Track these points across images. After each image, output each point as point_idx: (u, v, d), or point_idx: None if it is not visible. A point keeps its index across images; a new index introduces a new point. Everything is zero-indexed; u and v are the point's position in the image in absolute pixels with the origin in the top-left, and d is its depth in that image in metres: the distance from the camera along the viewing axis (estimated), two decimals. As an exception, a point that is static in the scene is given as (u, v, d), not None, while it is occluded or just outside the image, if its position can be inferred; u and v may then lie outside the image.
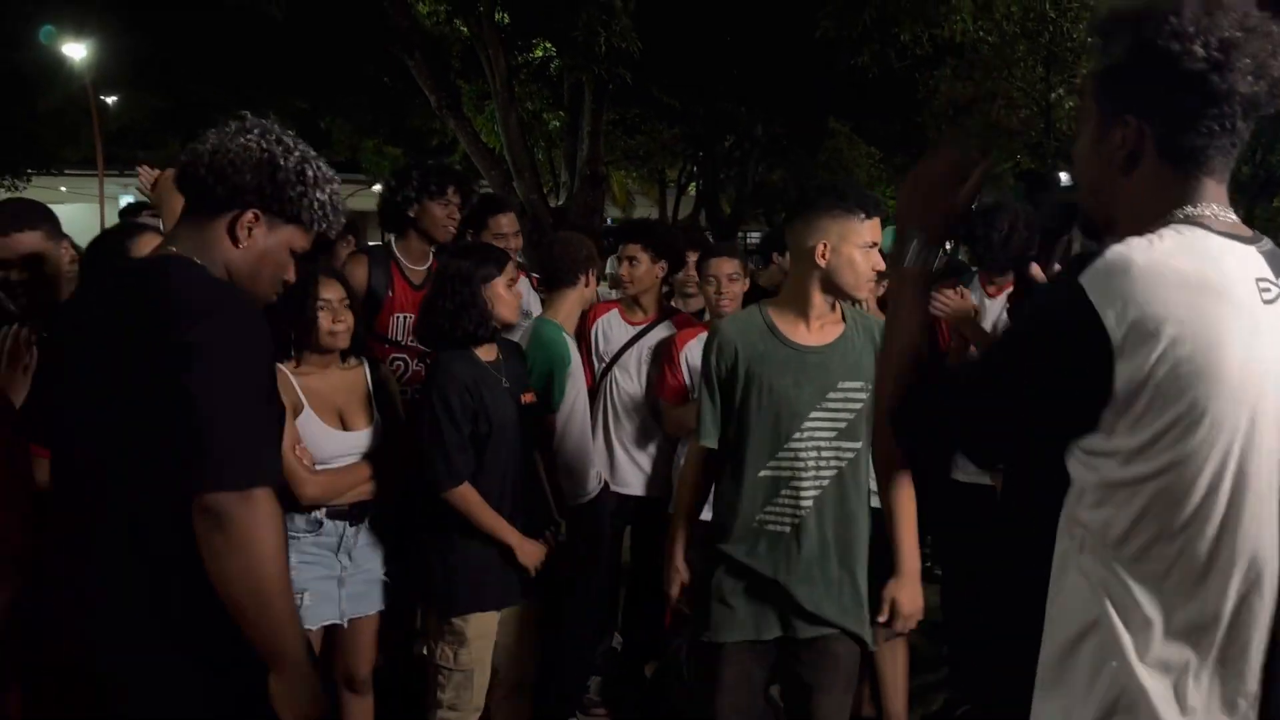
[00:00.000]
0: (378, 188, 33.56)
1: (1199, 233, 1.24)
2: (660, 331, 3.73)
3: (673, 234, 4.24)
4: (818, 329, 2.49)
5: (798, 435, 2.42)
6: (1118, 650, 1.22)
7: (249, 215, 1.73)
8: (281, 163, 1.73)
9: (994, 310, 3.76)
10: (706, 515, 2.71)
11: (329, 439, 2.75)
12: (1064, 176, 21.12)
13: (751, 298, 3.39)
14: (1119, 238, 1.26)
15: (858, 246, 2.40)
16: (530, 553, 2.84)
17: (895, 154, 21.78)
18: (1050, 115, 15.87)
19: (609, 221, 35.56)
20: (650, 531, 3.60)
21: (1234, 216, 1.30)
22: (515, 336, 3.24)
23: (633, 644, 3.93)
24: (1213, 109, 1.24)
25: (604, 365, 3.73)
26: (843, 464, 2.45)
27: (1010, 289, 3.68)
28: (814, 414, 2.43)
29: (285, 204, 1.75)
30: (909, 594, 2.48)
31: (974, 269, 4.07)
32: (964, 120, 15.66)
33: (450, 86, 12.92)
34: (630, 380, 3.71)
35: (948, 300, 3.50)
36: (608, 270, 5.09)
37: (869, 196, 2.46)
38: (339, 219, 1.84)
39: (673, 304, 4.07)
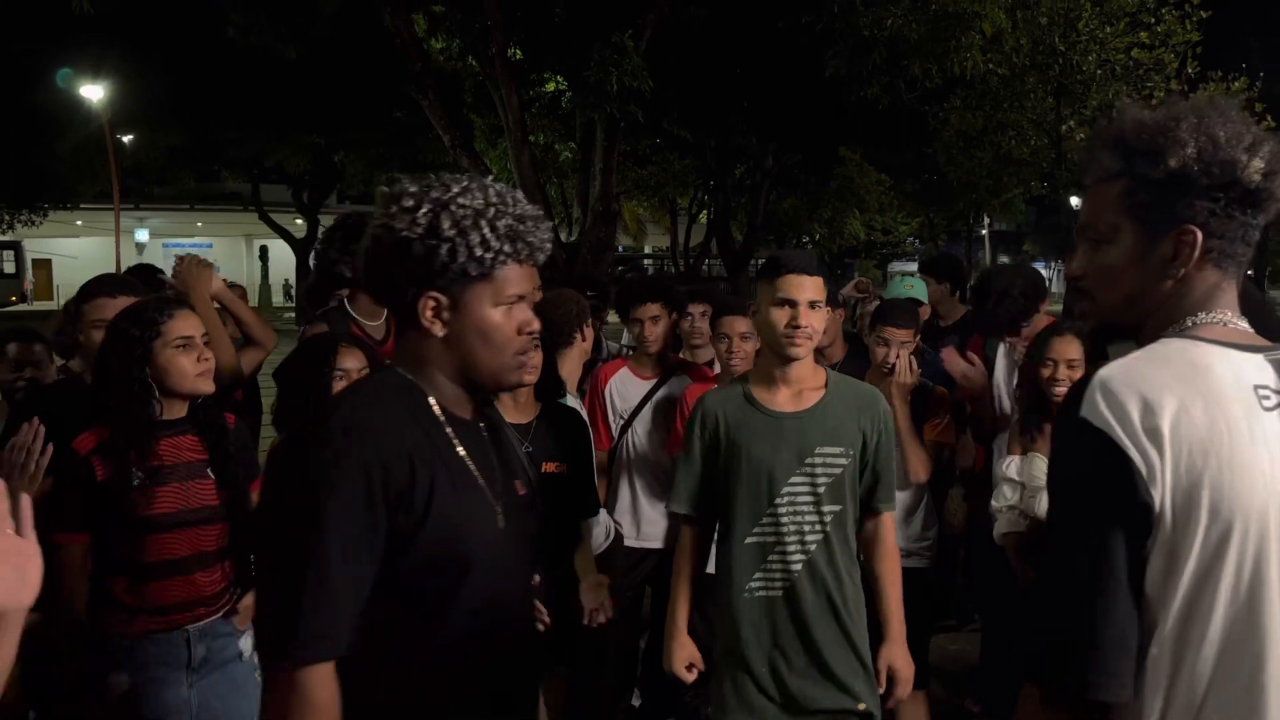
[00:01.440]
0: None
1: (1184, 344, 1.28)
2: (674, 385, 3.74)
3: (675, 284, 4.26)
4: (795, 395, 2.53)
5: (778, 500, 2.47)
6: None
7: (425, 303, 1.50)
8: (409, 234, 1.46)
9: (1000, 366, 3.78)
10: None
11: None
12: (1075, 202, 21.12)
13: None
14: (1127, 344, 1.33)
15: (772, 304, 2.45)
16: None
17: (906, 181, 21.87)
18: (1061, 145, 15.91)
19: (619, 249, 35.72)
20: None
21: (1245, 324, 1.33)
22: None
23: (652, 700, 3.90)
24: (1260, 216, 1.30)
25: (623, 423, 3.72)
26: (828, 526, 2.48)
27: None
28: (793, 478, 2.47)
29: (445, 272, 1.48)
30: (901, 658, 2.53)
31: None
32: (974, 151, 15.71)
33: (463, 123, 13.06)
34: (649, 435, 3.71)
35: (969, 375, 3.60)
36: (623, 340, 5.10)
37: (791, 255, 2.51)
38: (527, 242, 1.53)
39: (681, 355, 4.06)
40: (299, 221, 29.57)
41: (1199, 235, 1.29)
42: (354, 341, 2.85)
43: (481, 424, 1.65)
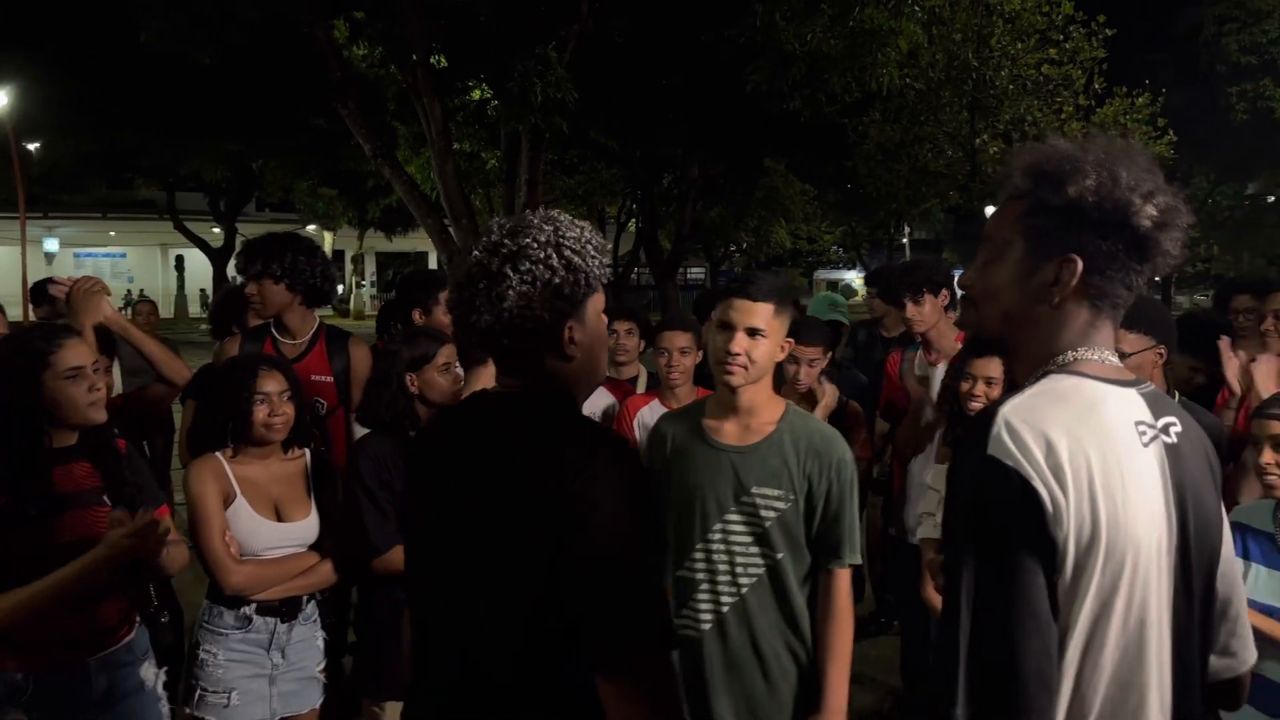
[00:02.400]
0: (312, 228, 33.26)
1: (1075, 380, 1.32)
2: (599, 399, 3.72)
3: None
4: (744, 428, 2.38)
5: (711, 535, 2.34)
6: None
7: (568, 332, 1.58)
8: (571, 262, 1.54)
9: (936, 377, 3.86)
10: None
11: (260, 529, 2.70)
12: (990, 211, 21.67)
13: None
14: (1018, 373, 1.36)
15: (715, 326, 2.38)
16: None
17: (829, 191, 22.26)
18: (975, 158, 16.39)
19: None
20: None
21: (1117, 360, 1.37)
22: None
23: None
24: (1145, 263, 1.32)
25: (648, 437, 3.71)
26: (763, 571, 2.33)
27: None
28: (729, 515, 2.33)
29: (586, 294, 1.58)
30: None
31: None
32: (892, 163, 16.11)
33: (386, 130, 12.89)
34: None
35: (915, 386, 3.70)
36: None
37: (747, 279, 2.41)
38: (591, 257, 1.57)
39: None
40: (216, 230, 28.87)
41: (1079, 265, 1.32)
42: (272, 363, 2.82)
43: None
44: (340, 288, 41.51)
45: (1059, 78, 16.83)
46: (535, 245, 1.52)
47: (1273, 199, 39.71)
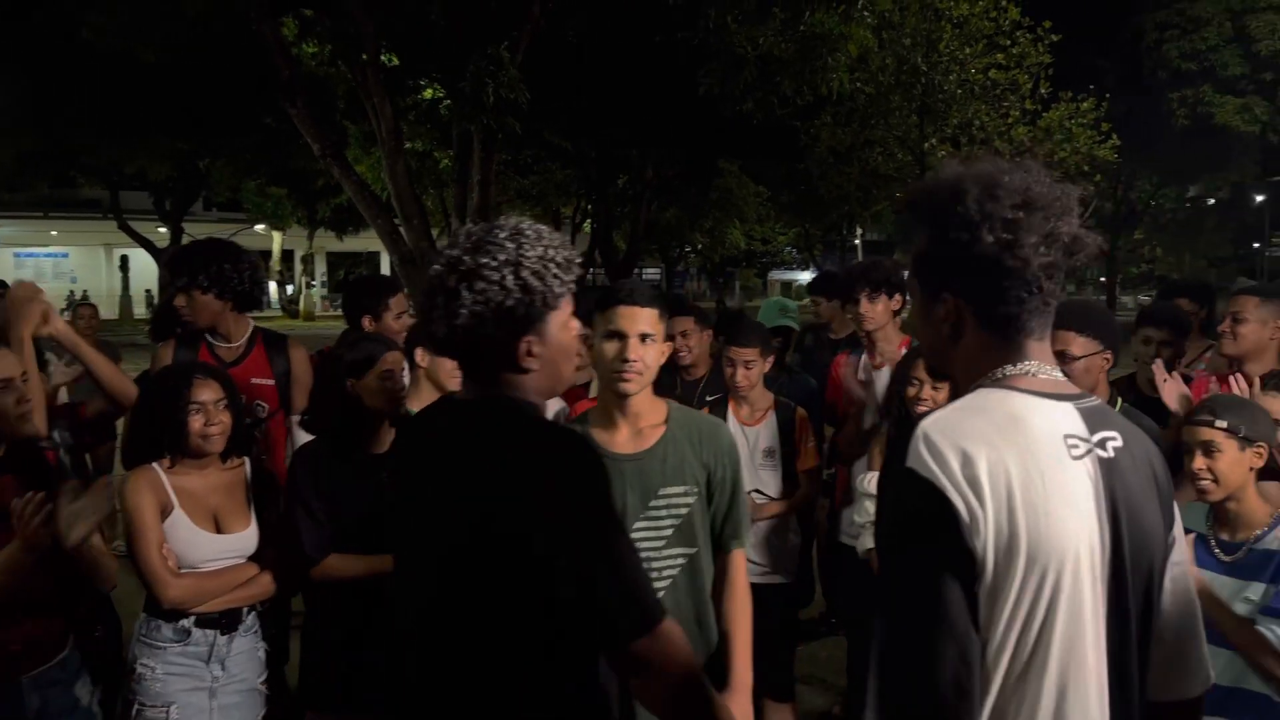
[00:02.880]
0: (260, 227, 32.74)
1: (1010, 395, 1.33)
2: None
3: None
4: (635, 434, 2.39)
5: None
6: None
7: (525, 344, 1.62)
8: (527, 281, 1.58)
9: (880, 381, 3.88)
10: None
11: (199, 541, 2.65)
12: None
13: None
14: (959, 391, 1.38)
15: (603, 337, 2.35)
16: None
17: (781, 193, 22.42)
18: (925, 161, 16.62)
19: (503, 258, 35.21)
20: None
21: (1056, 374, 1.38)
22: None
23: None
24: (1015, 281, 1.32)
25: None
26: (676, 572, 2.35)
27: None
28: (638, 524, 2.32)
29: (543, 308, 1.62)
30: (740, 708, 2.37)
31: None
32: (844, 166, 16.28)
33: (336, 129, 12.72)
34: None
35: (856, 388, 3.73)
36: None
37: (623, 286, 2.42)
38: (553, 277, 1.62)
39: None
40: (162, 230, 28.33)
41: (954, 303, 1.37)
42: (208, 371, 2.77)
43: None
44: (290, 288, 41.02)
45: (1006, 82, 17.12)
46: (492, 266, 1.56)
47: (1213, 202, 40.79)
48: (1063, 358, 2.56)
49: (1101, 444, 1.33)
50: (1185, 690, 1.49)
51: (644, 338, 2.33)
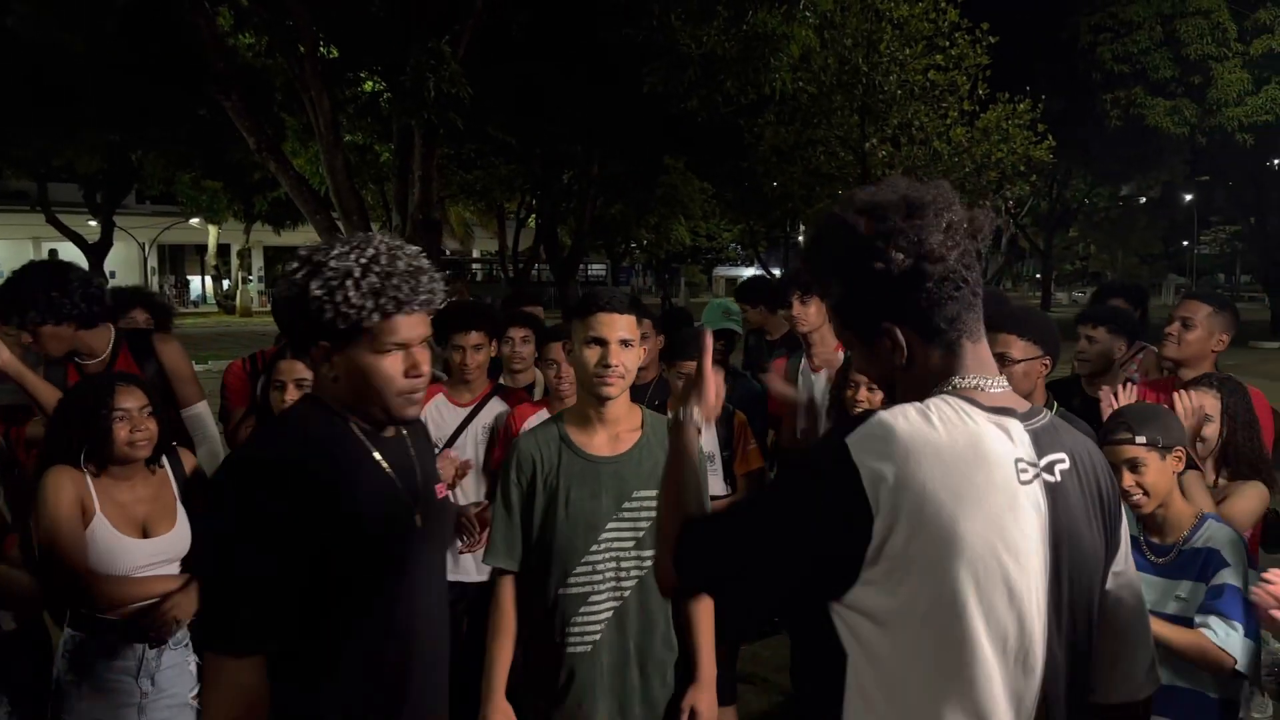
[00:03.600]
0: (195, 221, 31.93)
1: (966, 408, 1.31)
2: (492, 409, 3.68)
3: (495, 311, 4.20)
4: (612, 438, 2.45)
5: (595, 548, 2.38)
6: None
7: (318, 351, 1.74)
8: (291, 294, 1.70)
9: (819, 384, 3.90)
10: None
11: (123, 548, 2.58)
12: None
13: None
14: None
15: (583, 343, 2.40)
16: None
17: (726, 190, 22.52)
18: (866, 161, 16.81)
19: (446, 253, 34.93)
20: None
21: (1003, 385, 1.38)
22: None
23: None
24: (942, 283, 1.33)
25: (438, 450, 3.63)
26: (643, 572, 2.41)
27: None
28: (611, 525, 2.39)
29: (323, 324, 1.68)
30: (706, 702, 2.45)
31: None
32: (786, 165, 16.40)
33: (274, 121, 12.45)
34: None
35: (782, 391, 3.71)
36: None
37: (603, 293, 2.45)
38: (394, 297, 1.68)
39: (501, 381, 4.01)
40: (92, 223, 27.56)
41: (901, 330, 1.36)
42: (130, 379, 2.70)
43: (397, 436, 1.89)
44: (226, 283, 40.15)
45: (945, 83, 17.37)
46: (296, 260, 1.74)
47: (1144, 201, 41.92)
48: (1002, 360, 2.59)
49: (1049, 468, 1.33)
50: (1134, 692, 1.53)
51: (624, 343, 2.39)
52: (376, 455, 1.80)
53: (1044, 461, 1.33)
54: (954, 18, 17.10)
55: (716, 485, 3.69)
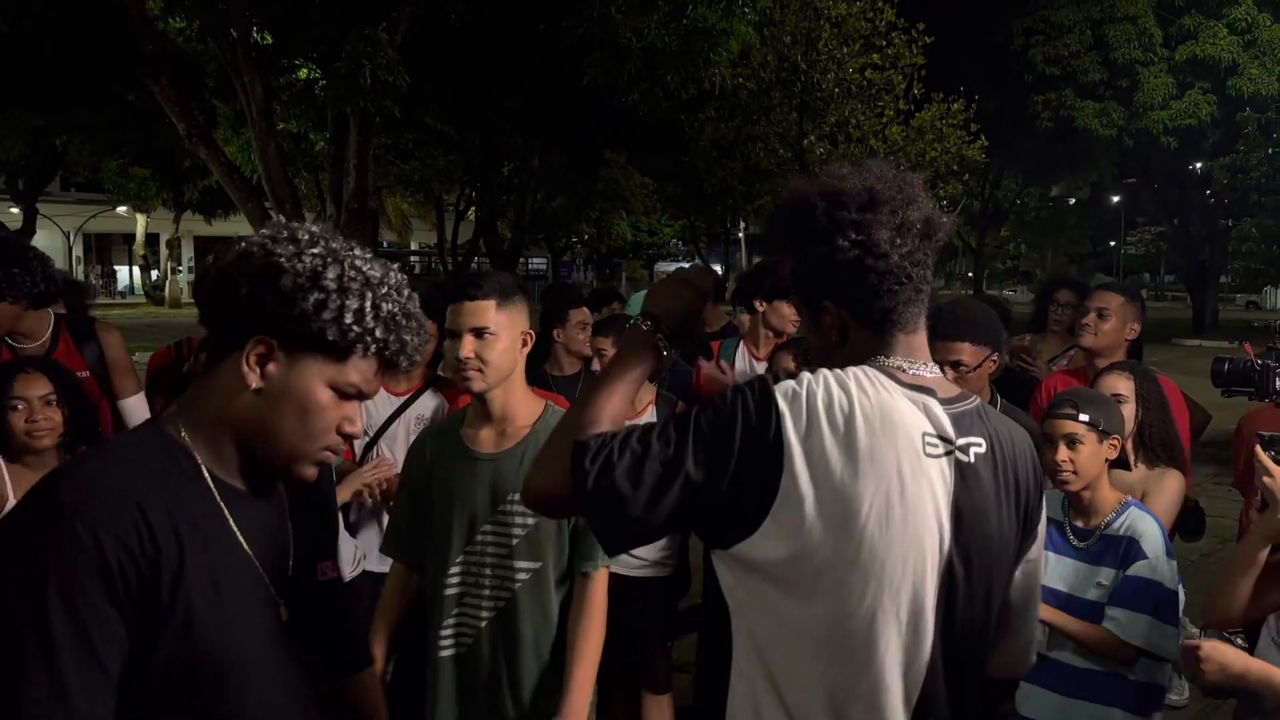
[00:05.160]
0: (122, 209, 31.09)
1: (883, 379, 1.36)
2: (427, 400, 3.63)
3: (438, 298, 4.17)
4: (499, 434, 2.30)
5: (469, 548, 2.27)
6: None
7: (254, 346, 1.30)
8: (288, 265, 1.29)
9: (759, 370, 3.93)
10: None
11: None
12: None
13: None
14: None
15: (447, 336, 2.28)
16: None
17: (667, 185, 22.59)
18: (804, 158, 17.00)
19: (384, 245, 34.44)
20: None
21: (930, 372, 1.43)
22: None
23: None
24: (882, 278, 1.37)
25: (368, 439, 3.57)
26: (517, 585, 2.25)
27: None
28: (486, 526, 2.26)
29: (301, 322, 1.30)
30: None
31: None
32: (726, 160, 16.54)
33: (204, 108, 12.15)
34: (398, 452, 3.57)
35: (711, 373, 3.70)
36: None
37: (460, 280, 2.36)
38: (401, 337, 1.36)
39: (439, 371, 3.97)
40: (14, 210, 26.67)
41: (838, 311, 1.41)
42: (38, 365, 2.62)
43: (271, 495, 1.43)
44: (155, 274, 39.14)
45: (881, 82, 17.66)
46: (311, 234, 1.42)
47: (1073, 202, 43.04)
48: (956, 367, 2.66)
49: (964, 449, 1.38)
50: (1019, 669, 1.65)
51: (479, 333, 2.21)
52: (231, 522, 1.33)
53: (961, 442, 1.38)
54: (890, 17, 17.37)
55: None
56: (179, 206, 26.66)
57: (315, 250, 1.32)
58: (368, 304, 1.32)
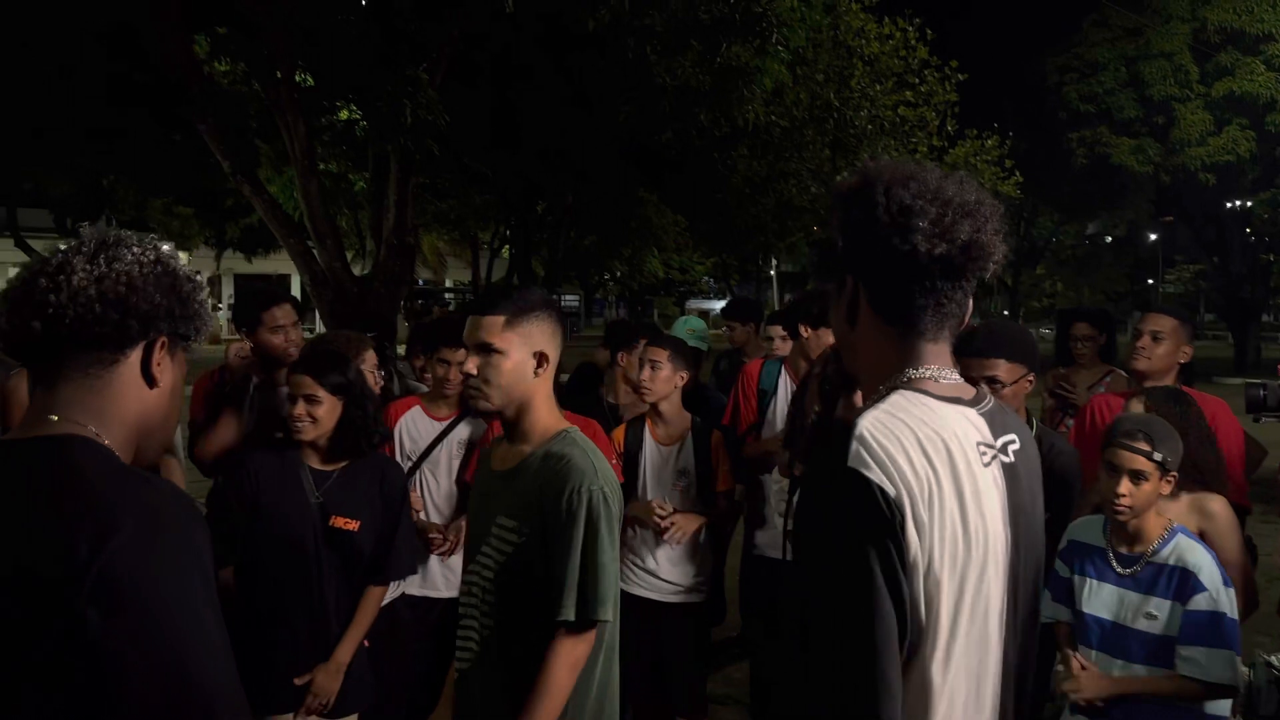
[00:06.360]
0: (166, 247, 31.70)
1: (923, 399, 1.35)
2: (467, 425, 3.67)
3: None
4: (509, 453, 2.26)
5: (471, 567, 2.24)
6: None
7: (160, 342, 1.39)
8: (180, 272, 1.41)
9: None
10: None
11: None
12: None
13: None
14: (862, 392, 1.42)
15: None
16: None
17: (699, 223, 22.68)
18: (838, 193, 17.02)
19: (420, 282, 34.76)
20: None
21: (956, 377, 1.42)
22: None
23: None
24: (902, 269, 1.35)
25: (411, 464, 3.62)
26: (502, 612, 2.16)
27: None
28: (484, 547, 2.20)
29: (189, 322, 1.41)
30: None
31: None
32: (759, 197, 16.60)
33: (247, 148, 12.41)
34: (441, 477, 3.61)
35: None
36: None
37: (485, 295, 2.35)
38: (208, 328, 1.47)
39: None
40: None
41: (855, 284, 1.41)
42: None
43: None
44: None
45: (914, 119, 17.68)
46: (138, 243, 1.51)
47: (1110, 239, 42.66)
48: (992, 383, 2.65)
49: (1004, 449, 1.39)
50: None
51: (484, 349, 2.15)
52: None
53: (999, 442, 1.38)
54: (924, 55, 17.43)
55: (686, 504, 3.70)
56: (220, 245, 27.24)
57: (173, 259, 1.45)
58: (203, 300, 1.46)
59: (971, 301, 1.41)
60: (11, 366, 3.37)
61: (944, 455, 1.29)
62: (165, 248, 1.45)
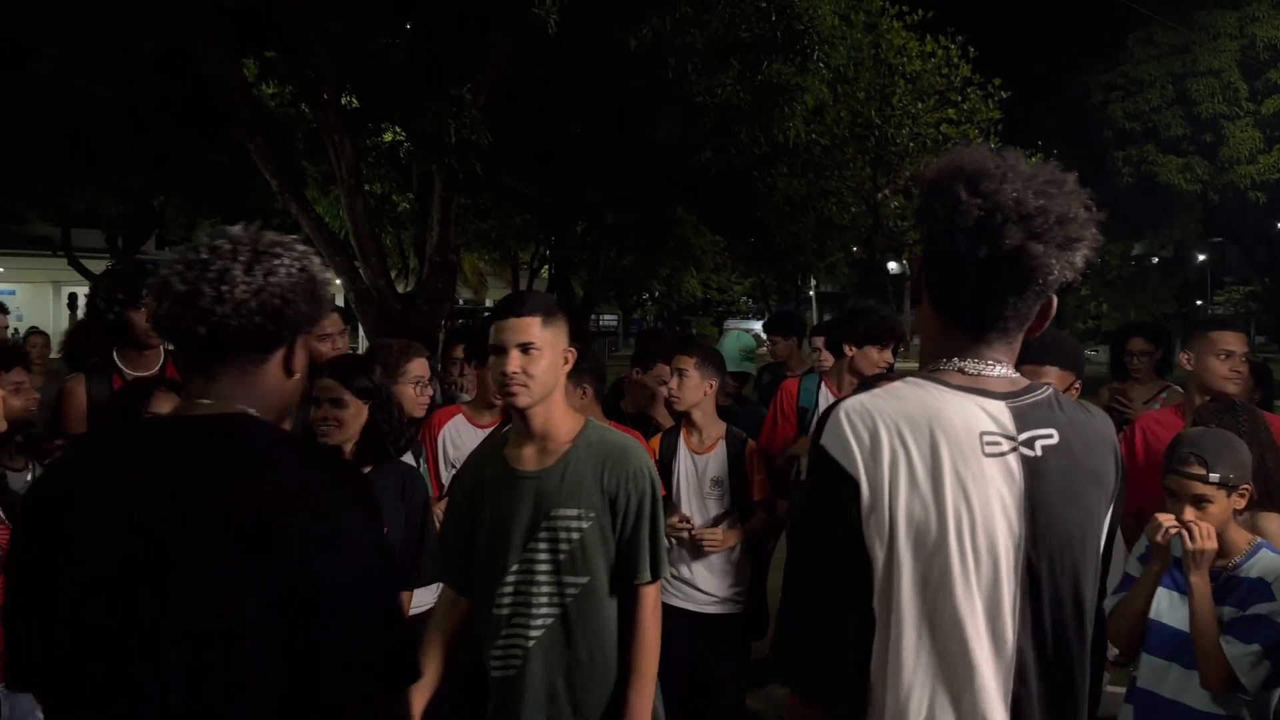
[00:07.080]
0: (302, 249, 32.32)
1: (931, 387, 1.38)
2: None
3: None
4: (540, 451, 2.32)
5: (515, 567, 2.27)
6: None
7: (300, 341, 1.60)
8: (319, 278, 1.59)
9: None
10: None
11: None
12: (892, 266, 22.32)
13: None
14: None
15: (491, 355, 2.32)
16: None
17: (738, 243, 22.70)
18: (878, 212, 16.95)
19: (460, 302, 35.11)
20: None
21: (997, 371, 1.41)
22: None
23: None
24: (949, 264, 1.37)
25: (454, 471, 3.64)
26: (566, 601, 2.26)
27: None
28: (530, 544, 2.26)
29: (321, 318, 1.64)
30: None
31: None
32: (799, 216, 16.59)
33: (295, 169, 12.65)
34: None
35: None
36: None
37: (508, 299, 2.37)
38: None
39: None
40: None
41: (921, 273, 1.47)
42: (171, 385, 2.73)
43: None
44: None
45: (957, 136, 17.62)
46: (284, 247, 1.61)
47: (1156, 260, 41.96)
48: None
49: (1029, 443, 1.36)
50: None
51: (525, 348, 2.25)
52: None
53: (1024, 436, 1.36)
54: (966, 73, 17.36)
55: (719, 512, 3.69)
56: (266, 263, 27.69)
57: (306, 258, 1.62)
58: None
59: (1044, 306, 1.41)
60: (66, 375, 3.46)
61: (925, 438, 1.32)
62: (302, 249, 1.61)
